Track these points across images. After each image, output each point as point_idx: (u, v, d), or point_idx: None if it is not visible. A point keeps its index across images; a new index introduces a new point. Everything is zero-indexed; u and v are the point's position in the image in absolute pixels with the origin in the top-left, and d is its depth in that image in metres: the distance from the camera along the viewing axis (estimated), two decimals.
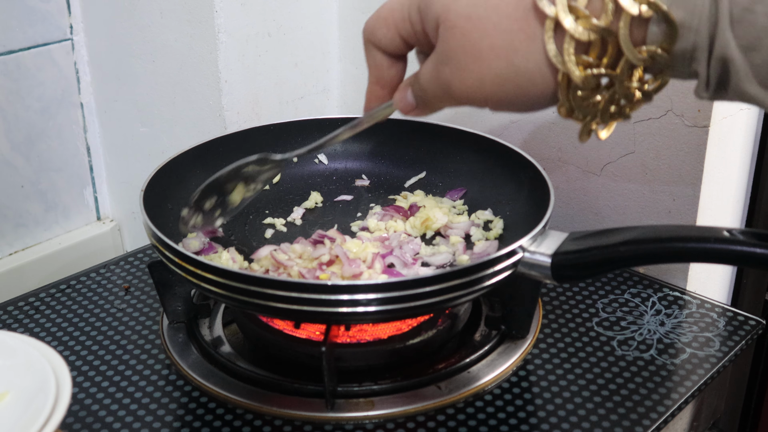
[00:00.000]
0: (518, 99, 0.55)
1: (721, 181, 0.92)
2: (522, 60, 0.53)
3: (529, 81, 0.54)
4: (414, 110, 0.63)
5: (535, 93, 0.55)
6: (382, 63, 0.64)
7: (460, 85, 0.56)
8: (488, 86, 0.55)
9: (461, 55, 0.55)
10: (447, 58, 0.56)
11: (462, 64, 0.55)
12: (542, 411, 0.74)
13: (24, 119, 1.07)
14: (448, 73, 0.56)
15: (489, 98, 0.56)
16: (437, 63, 0.57)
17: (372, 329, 0.79)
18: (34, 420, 0.56)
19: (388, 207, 0.92)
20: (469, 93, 0.56)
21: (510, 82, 0.54)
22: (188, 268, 0.72)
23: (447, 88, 0.57)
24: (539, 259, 0.72)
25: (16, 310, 0.89)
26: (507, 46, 0.53)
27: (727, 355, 0.81)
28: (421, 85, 0.60)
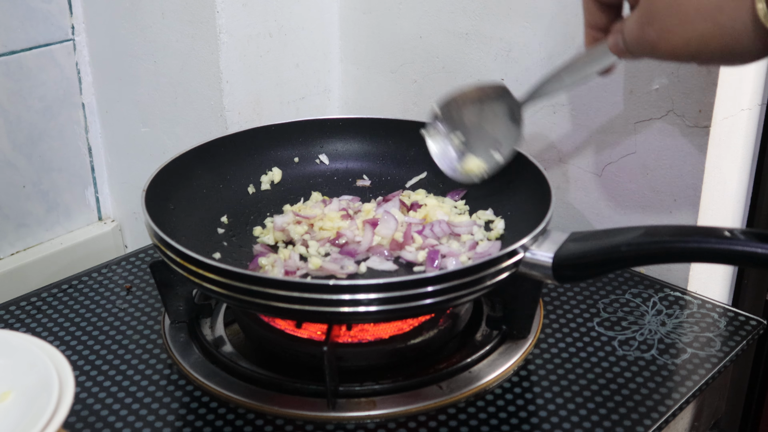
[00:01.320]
0: (724, 56, 0.56)
1: (722, 181, 0.92)
2: (728, 20, 0.54)
3: (735, 40, 0.55)
4: (625, 54, 0.66)
5: (741, 50, 0.55)
6: (593, 9, 0.68)
7: (665, 45, 0.58)
8: (693, 46, 0.56)
9: (666, 16, 0.57)
10: (651, 19, 0.58)
11: (667, 25, 0.57)
12: (543, 411, 0.74)
13: (26, 119, 1.07)
14: (653, 33, 0.58)
15: (695, 56, 0.57)
16: (641, 23, 0.59)
17: (373, 329, 0.79)
18: (37, 419, 0.56)
19: (389, 196, 0.93)
20: (675, 52, 0.58)
21: (715, 41, 0.55)
22: (189, 267, 0.72)
23: (652, 47, 0.59)
24: (540, 259, 0.72)
25: (18, 310, 0.89)
26: (713, 6, 0.54)
27: (728, 355, 0.81)
28: (626, 39, 0.62)
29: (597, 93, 0.92)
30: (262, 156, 0.97)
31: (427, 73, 1.07)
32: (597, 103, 0.93)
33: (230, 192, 0.94)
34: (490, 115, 0.86)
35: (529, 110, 0.98)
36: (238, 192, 0.95)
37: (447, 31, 1.03)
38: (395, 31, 1.08)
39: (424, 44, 1.06)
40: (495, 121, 0.86)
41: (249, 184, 0.96)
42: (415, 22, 1.06)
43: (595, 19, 0.69)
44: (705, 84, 0.85)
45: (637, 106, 0.90)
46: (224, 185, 0.94)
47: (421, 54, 1.07)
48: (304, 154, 0.99)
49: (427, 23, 1.05)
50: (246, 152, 0.96)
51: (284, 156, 0.98)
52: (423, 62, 1.07)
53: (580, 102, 0.94)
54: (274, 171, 0.97)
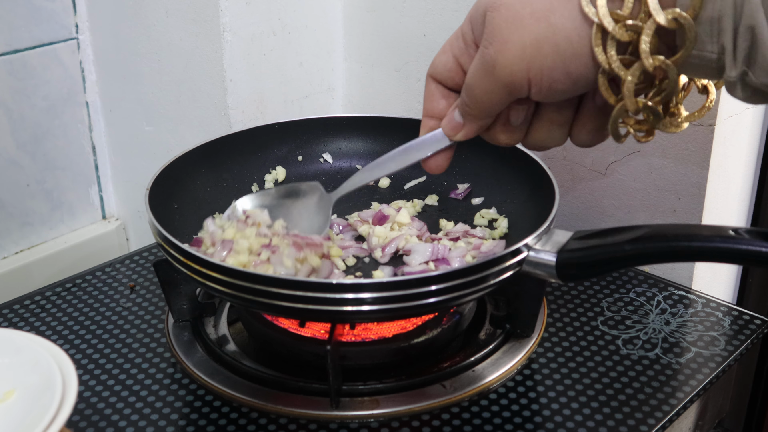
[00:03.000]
0: (556, 63, 0.57)
1: (726, 180, 0.92)
2: (559, 18, 0.56)
3: (565, 39, 0.56)
4: (461, 128, 0.66)
5: (570, 53, 0.56)
6: (435, 94, 0.68)
7: (503, 60, 0.58)
8: (528, 51, 0.57)
9: (504, 28, 0.58)
10: (492, 37, 0.59)
11: (505, 37, 0.58)
12: (547, 409, 0.74)
13: (29, 118, 1.07)
14: (493, 51, 0.59)
15: (530, 66, 0.58)
16: (482, 48, 0.60)
17: (377, 328, 0.79)
18: (40, 418, 0.56)
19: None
20: (512, 65, 0.58)
21: (547, 42, 0.56)
22: (193, 266, 0.72)
23: (491, 68, 0.59)
24: (544, 258, 0.72)
25: (22, 309, 0.90)
26: (545, 8, 0.56)
27: (733, 354, 0.81)
28: (467, 85, 0.62)
29: None
30: (266, 155, 0.97)
31: None
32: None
33: (234, 191, 0.94)
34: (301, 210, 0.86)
35: None
36: (241, 190, 0.95)
37: (451, 29, 1.02)
38: (399, 30, 1.08)
39: (428, 42, 1.06)
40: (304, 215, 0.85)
41: (253, 183, 0.96)
42: (419, 20, 1.06)
43: (435, 106, 0.68)
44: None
45: None
46: (228, 184, 0.94)
47: (425, 52, 1.07)
48: (308, 152, 0.99)
49: (431, 21, 1.04)
50: (250, 151, 0.96)
51: (288, 154, 0.98)
52: (427, 60, 1.06)
53: None
54: (278, 170, 0.97)
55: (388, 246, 0.85)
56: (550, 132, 0.65)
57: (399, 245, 0.84)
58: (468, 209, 0.93)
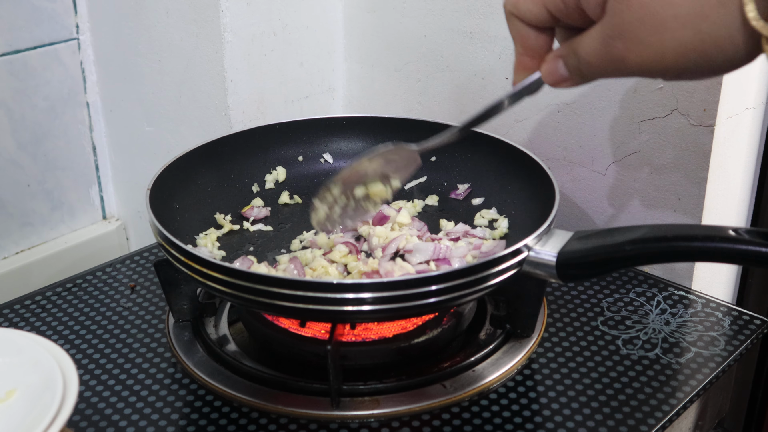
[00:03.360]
0: (701, 68, 0.52)
1: (726, 180, 0.92)
2: (711, 26, 0.50)
3: (716, 48, 0.50)
4: (566, 81, 0.60)
5: (721, 60, 0.51)
6: (528, 34, 0.60)
7: (636, 59, 0.53)
8: (669, 57, 0.52)
9: (639, 28, 0.52)
10: (620, 32, 0.53)
11: (640, 36, 0.52)
12: (547, 409, 0.74)
13: (30, 118, 1.07)
14: (622, 47, 0.53)
15: (668, 69, 0.53)
16: (606, 37, 0.54)
17: (377, 328, 0.79)
18: (41, 417, 0.56)
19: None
20: (647, 65, 0.53)
21: (694, 52, 0.51)
22: (194, 266, 0.72)
23: (620, 62, 0.54)
24: (544, 258, 0.72)
25: (23, 309, 0.90)
26: (695, 13, 0.50)
27: (732, 354, 0.81)
28: (582, 59, 0.56)
29: (601, 92, 0.92)
30: (267, 155, 0.97)
31: (432, 72, 1.07)
32: (601, 102, 0.93)
33: (235, 191, 0.94)
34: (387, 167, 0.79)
35: (534, 109, 0.98)
36: (242, 191, 0.95)
37: (451, 29, 1.03)
38: (399, 30, 1.08)
39: (428, 43, 1.06)
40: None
41: (253, 183, 0.96)
42: (419, 21, 1.06)
43: (530, 44, 0.61)
44: (709, 83, 0.84)
45: (641, 105, 0.90)
46: (228, 184, 0.94)
47: (426, 53, 1.07)
48: (308, 152, 0.99)
49: (431, 22, 1.05)
50: (250, 151, 0.96)
51: (288, 155, 0.98)
52: (427, 61, 1.07)
53: (585, 101, 0.94)
54: (279, 170, 0.97)
55: (388, 246, 0.85)
56: None
57: (399, 245, 0.85)
58: (468, 209, 0.93)
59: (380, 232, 0.87)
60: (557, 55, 0.59)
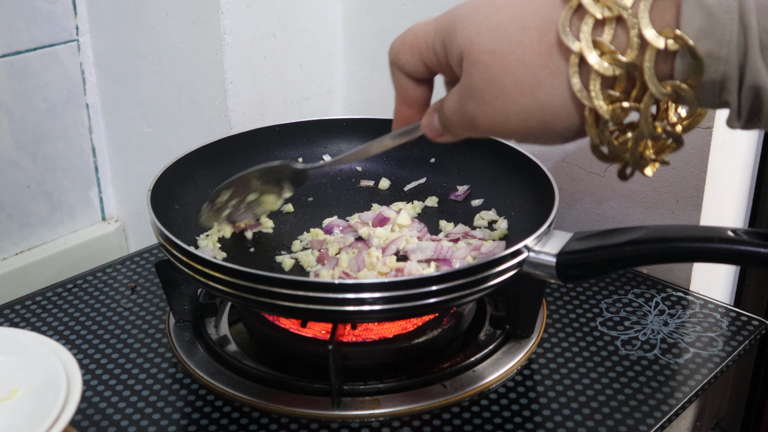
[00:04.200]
0: (543, 133, 0.55)
1: (724, 181, 0.92)
2: (546, 95, 0.53)
3: (554, 116, 0.53)
4: (441, 136, 0.63)
5: (560, 127, 0.54)
6: (407, 85, 0.63)
7: (484, 119, 0.56)
8: (513, 120, 0.54)
9: (485, 89, 0.55)
10: (471, 92, 0.56)
11: (486, 98, 0.55)
12: (547, 410, 0.75)
13: (30, 120, 1.08)
14: (473, 106, 0.56)
15: (514, 132, 0.55)
16: (461, 96, 0.57)
17: (378, 328, 0.79)
18: (44, 416, 0.56)
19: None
20: (494, 126, 0.56)
21: (534, 117, 0.54)
22: (195, 266, 0.72)
23: (471, 121, 0.57)
24: (544, 258, 0.73)
25: (23, 309, 0.90)
26: (531, 81, 0.53)
27: (731, 355, 0.82)
28: (446, 115, 0.60)
29: None
30: (266, 156, 0.97)
31: None
32: None
33: None
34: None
35: None
36: None
37: None
38: (399, 32, 1.08)
39: None
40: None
41: None
42: None
43: (409, 95, 0.64)
44: None
45: None
46: None
47: None
48: (308, 154, 0.99)
49: None
50: (250, 153, 0.96)
51: (288, 156, 0.98)
52: None
53: None
54: None
55: (388, 247, 0.85)
56: None
57: (399, 246, 0.85)
58: (468, 211, 0.93)
59: (380, 233, 0.87)
60: (434, 108, 0.63)
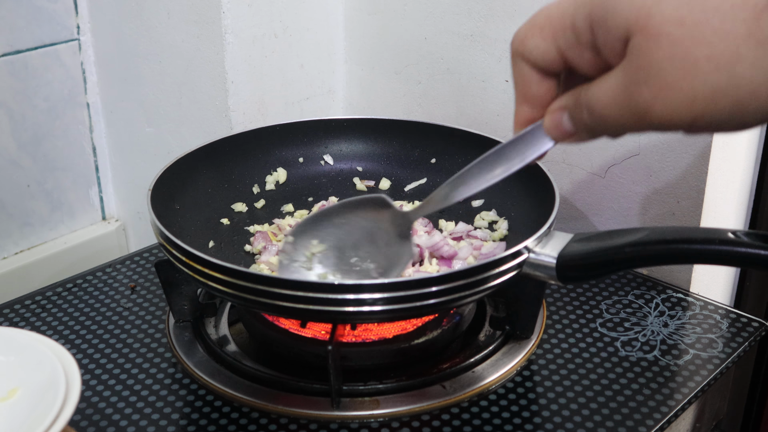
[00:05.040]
0: (731, 118, 0.47)
1: (725, 183, 0.92)
2: (748, 70, 0.45)
3: (751, 94, 0.45)
4: (571, 136, 0.54)
5: (753, 109, 0.46)
6: (531, 78, 0.54)
7: (662, 109, 0.47)
8: (699, 105, 0.46)
9: (669, 69, 0.46)
10: (647, 76, 0.47)
11: (669, 81, 0.46)
12: (546, 411, 0.75)
13: (30, 119, 1.08)
14: (648, 95, 0.47)
15: (697, 119, 0.47)
16: (629, 83, 0.48)
17: (377, 329, 0.79)
18: (44, 416, 0.56)
19: None
20: (674, 115, 0.47)
21: (727, 98, 0.46)
22: (195, 267, 0.72)
23: (644, 113, 0.48)
24: (544, 259, 0.73)
25: (23, 309, 0.90)
26: (731, 54, 0.45)
27: (731, 356, 0.82)
28: (596, 112, 0.50)
29: None
30: (267, 156, 0.97)
31: (432, 74, 1.07)
32: None
33: (235, 192, 0.95)
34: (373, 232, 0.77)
35: None
36: (242, 192, 0.95)
37: (452, 32, 1.03)
38: (400, 33, 1.09)
39: (428, 46, 1.06)
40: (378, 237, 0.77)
41: (254, 185, 0.96)
42: (419, 24, 1.06)
43: (534, 92, 0.55)
44: None
45: None
46: (229, 185, 0.95)
47: (426, 55, 1.07)
48: (309, 154, 0.99)
49: (431, 24, 1.05)
50: (251, 152, 0.96)
51: (289, 156, 0.98)
52: (428, 64, 1.07)
53: None
54: (279, 171, 0.97)
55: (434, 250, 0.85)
56: None
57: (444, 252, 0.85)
58: (468, 211, 0.93)
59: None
60: (561, 106, 0.54)
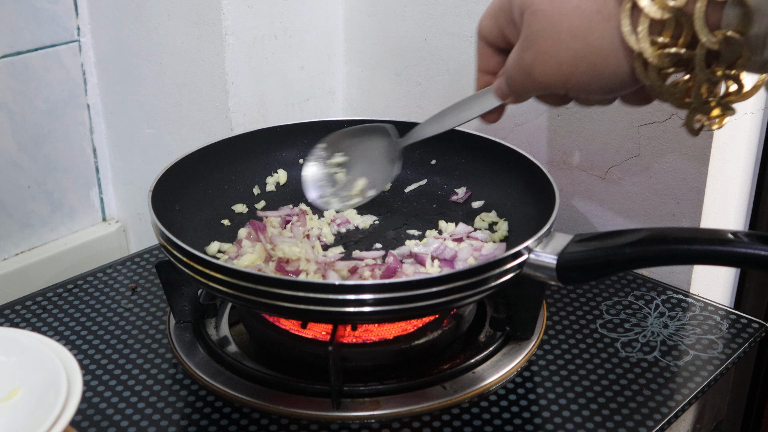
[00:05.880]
0: (592, 79, 0.58)
1: (725, 184, 0.92)
2: (597, 39, 0.56)
3: (602, 60, 0.57)
4: (509, 97, 0.68)
5: (608, 73, 0.57)
6: (486, 53, 0.68)
7: (539, 68, 0.60)
8: (565, 67, 0.58)
9: (541, 38, 0.59)
10: (529, 43, 0.60)
11: (542, 47, 0.59)
12: (546, 411, 0.75)
13: (31, 120, 1.08)
14: (529, 58, 0.60)
15: (567, 80, 0.59)
16: (520, 49, 0.61)
17: (378, 329, 0.79)
18: (45, 416, 0.56)
19: None
20: (548, 76, 0.60)
21: (585, 62, 0.57)
22: (196, 267, 0.72)
23: (528, 72, 0.61)
24: (545, 260, 0.73)
25: (24, 310, 0.90)
26: (584, 27, 0.56)
27: (730, 357, 0.82)
28: (508, 72, 0.64)
29: None
30: (267, 157, 0.97)
31: (432, 75, 1.07)
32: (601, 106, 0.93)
33: (235, 193, 0.95)
34: (372, 151, 0.92)
35: (534, 113, 0.99)
36: (243, 193, 0.95)
37: (452, 33, 1.03)
38: (400, 34, 1.09)
39: (428, 47, 1.06)
40: (374, 157, 0.92)
41: (254, 185, 0.96)
42: (419, 25, 1.06)
43: (487, 63, 0.69)
44: None
45: (640, 110, 0.90)
46: (229, 186, 0.95)
47: (426, 57, 1.07)
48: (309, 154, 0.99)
49: (431, 26, 1.05)
50: (251, 153, 0.96)
51: (289, 157, 0.98)
52: (428, 65, 1.07)
53: None
54: (279, 172, 0.97)
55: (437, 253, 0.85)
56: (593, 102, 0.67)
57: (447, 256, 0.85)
58: (468, 212, 0.93)
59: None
60: (501, 72, 0.68)
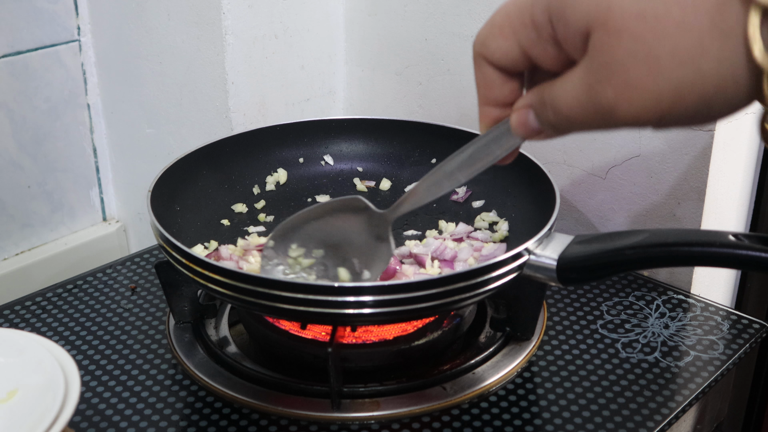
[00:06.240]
0: (698, 114, 0.44)
1: (726, 184, 0.92)
2: (712, 63, 0.42)
3: (716, 89, 0.43)
4: (538, 134, 0.52)
5: (720, 104, 0.44)
6: (494, 80, 0.52)
7: (628, 108, 0.44)
8: (666, 103, 0.44)
9: (632, 67, 0.43)
10: (610, 75, 0.44)
11: (632, 79, 0.44)
12: (547, 412, 0.75)
13: (31, 120, 1.07)
14: (612, 94, 0.44)
15: (664, 117, 0.44)
16: (591, 82, 0.45)
17: (378, 330, 0.79)
18: (42, 418, 0.56)
19: None
20: (640, 114, 0.44)
21: (693, 94, 0.43)
22: (195, 268, 0.72)
23: (608, 113, 0.45)
24: (545, 261, 0.72)
25: (23, 310, 0.90)
26: (694, 48, 0.42)
27: (731, 358, 0.82)
28: (560, 113, 0.48)
29: None
30: (267, 157, 0.97)
31: (432, 75, 1.07)
32: None
33: (235, 193, 0.95)
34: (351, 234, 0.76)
35: None
36: (243, 193, 0.95)
37: (452, 33, 1.03)
38: (400, 33, 1.09)
39: (429, 46, 1.06)
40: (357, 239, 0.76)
41: (254, 185, 0.96)
42: (420, 25, 1.06)
43: (497, 93, 0.52)
44: None
45: None
46: (229, 186, 0.94)
47: (426, 56, 1.07)
48: (309, 155, 0.99)
49: (432, 25, 1.05)
50: (251, 153, 0.96)
51: (289, 157, 0.98)
52: (428, 64, 1.07)
53: None
54: (279, 172, 0.97)
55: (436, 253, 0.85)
56: None
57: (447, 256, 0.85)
58: (468, 212, 0.93)
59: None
60: (527, 104, 0.52)
